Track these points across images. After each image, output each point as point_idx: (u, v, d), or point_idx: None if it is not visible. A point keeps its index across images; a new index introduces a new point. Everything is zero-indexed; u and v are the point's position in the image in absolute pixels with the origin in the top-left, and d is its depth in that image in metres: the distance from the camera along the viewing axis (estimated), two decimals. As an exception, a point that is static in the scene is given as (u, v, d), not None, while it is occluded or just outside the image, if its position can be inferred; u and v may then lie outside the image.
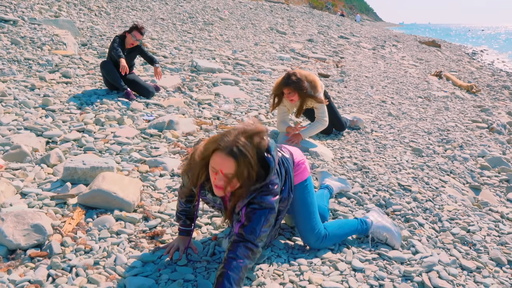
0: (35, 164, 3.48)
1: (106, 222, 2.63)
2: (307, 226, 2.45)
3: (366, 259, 2.53)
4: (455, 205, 3.44)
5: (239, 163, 1.84)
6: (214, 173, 1.92)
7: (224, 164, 1.85)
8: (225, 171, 1.86)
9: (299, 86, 4.03)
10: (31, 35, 7.90)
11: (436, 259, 2.59)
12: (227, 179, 1.90)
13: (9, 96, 4.99)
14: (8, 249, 2.31)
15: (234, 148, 1.84)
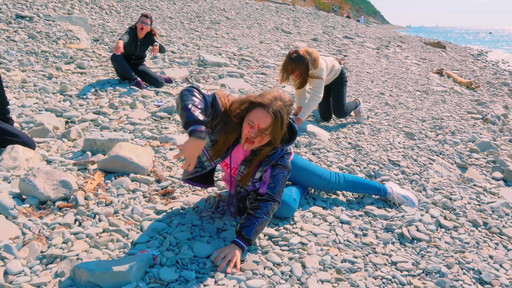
0: (56, 139, 3.83)
1: (123, 183, 2.97)
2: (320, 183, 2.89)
3: (353, 215, 2.85)
4: (441, 179, 3.75)
5: (275, 121, 2.14)
6: (249, 127, 2.18)
7: (263, 119, 2.13)
8: (262, 126, 2.15)
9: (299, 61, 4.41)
10: (47, 30, 8.30)
11: (417, 217, 2.91)
12: (260, 134, 2.18)
13: (29, 83, 5.36)
14: (39, 201, 2.66)
15: (274, 107, 2.13)
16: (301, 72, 4.47)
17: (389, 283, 2.22)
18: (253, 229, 2.21)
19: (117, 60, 5.82)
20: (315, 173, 2.89)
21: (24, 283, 1.91)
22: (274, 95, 2.18)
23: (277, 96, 2.18)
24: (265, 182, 2.35)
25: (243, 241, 2.19)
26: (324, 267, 2.23)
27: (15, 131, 3.33)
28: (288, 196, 2.64)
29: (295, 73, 4.50)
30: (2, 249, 2.15)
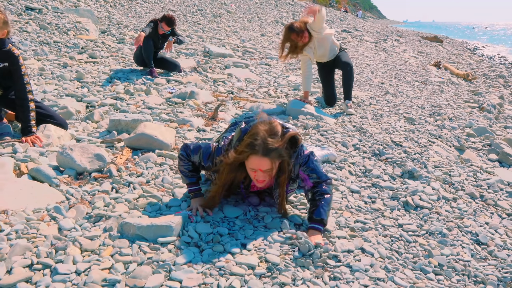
0: (80, 121, 4.08)
1: (150, 158, 3.23)
2: None
3: (362, 186, 3.13)
4: (440, 158, 4.03)
5: (273, 160, 2.23)
6: (253, 172, 2.29)
7: (261, 164, 2.22)
8: (264, 169, 2.26)
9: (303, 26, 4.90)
10: (56, 21, 8.52)
11: (420, 188, 3.19)
12: (266, 174, 2.32)
13: (47, 71, 5.60)
14: (77, 172, 2.92)
15: (265, 149, 2.18)
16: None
17: (397, 240, 2.50)
18: (321, 210, 2.35)
19: (147, 43, 6.04)
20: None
21: (77, 236, 2.18)
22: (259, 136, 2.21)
23: (262, 134, 2.21)
24: (305, 179, 2.47)
25: (316, 223, 2.34)
26: (339, 226, 2.50)
27: (51, 112, 3.58)
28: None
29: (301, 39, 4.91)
30: (52, 210, 2.41)
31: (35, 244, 2.07)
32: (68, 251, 2.02)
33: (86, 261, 1.96)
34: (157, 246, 2.11)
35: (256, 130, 2.25)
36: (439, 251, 2.47)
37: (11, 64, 3.27)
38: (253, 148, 2.20)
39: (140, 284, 1.83)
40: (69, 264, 1.93)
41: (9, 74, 3.33)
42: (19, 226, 2.21)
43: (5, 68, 3.29)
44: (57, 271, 1.88)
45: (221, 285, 1.88)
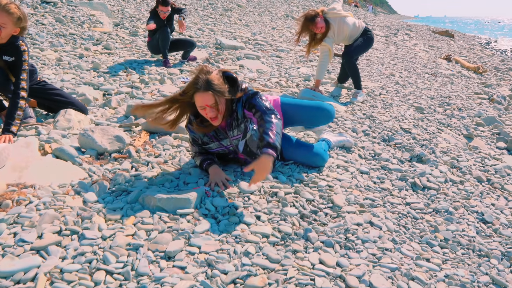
0: (98, 108, 4.22)
1: (167, 141, 3.36)
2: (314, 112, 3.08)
3: (371, 168, 3.23)
4: (448, 145, 4.11)
5: (214, 91, 2.48)
6: (203, 110, 2.55)
7: (205, 98, 2.48)
8: (209, 103, 2.51)
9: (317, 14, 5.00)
10: (71, 14, 8.68)
11: (428, 171, 3.29)
12: (214, 108, 2.54)
13: (64, 61, 5.76)
14: (97, 152, 3.06)
15: (203, 84, 2.47)
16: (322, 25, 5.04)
17: (404, 216, 2.60)
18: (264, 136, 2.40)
19: (164, 35, 6.16)
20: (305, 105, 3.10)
21: (101, 207, 2.31)
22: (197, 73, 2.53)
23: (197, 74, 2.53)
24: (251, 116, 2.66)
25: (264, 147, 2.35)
26: (349, 203, 2.61)
27: (71, 99, 3.72)
28: (320, 147, 3.03)
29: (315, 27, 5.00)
30: (76, 185, 2.55)
31: (62, 214, 2.21)
32: (93, 220, 2.16)
33: (110, 229, 2.10)
34: (176, 217, 2.24)
35: (198, 73, 2.55)
36: (445, 227, 2.57)
37: (17, 58, 3.31)
38: (196, 85, 2.50)
39: (161, 249, 1.96)
40: (94, 231, 2.07)
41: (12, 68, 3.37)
42: (46, 198, 2.35)
43: (13, 62, 3.32)
44: (84, 236, 2.01)
45: (237, 251, 2.00)
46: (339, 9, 5.21)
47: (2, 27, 3.13)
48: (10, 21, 3.15)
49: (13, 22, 3.17)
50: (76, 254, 1.90)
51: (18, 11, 3.19)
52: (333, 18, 5.12)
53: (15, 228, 2.07)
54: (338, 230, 2.28)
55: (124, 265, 1.84)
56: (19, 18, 3.20)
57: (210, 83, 2.48)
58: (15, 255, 1.87)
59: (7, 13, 3.11)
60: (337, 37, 5.29)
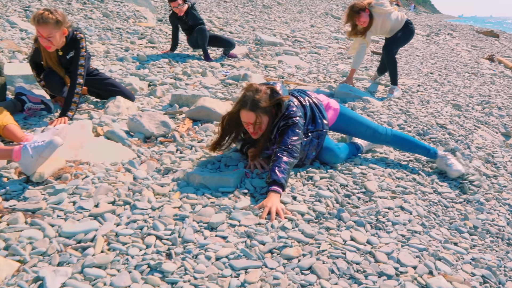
0: (144, 97, 4.46)
1: (209, 127, 3.56)
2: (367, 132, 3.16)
3: (404, 160, 3.33)
4: (484, 141, 4.14)
5: (256, 113, 2.61)
6: (246, 126, 2.72)
7: (248, 117, 2.65)
8: (251, 121, 2.66)
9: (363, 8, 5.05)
10: (117, 10, 9.05)
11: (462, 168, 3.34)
12: (255, 126, 2.67)
13: (112, 54, 6.06)
14: (145, 136, 3.28)
15: (247, 103, 2.60)
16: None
17: (435, 204, 2.70)
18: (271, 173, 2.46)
19: (204, 33, 6.37)
20: (363, 122, 3.18)
21: (150, 183, 2.52)
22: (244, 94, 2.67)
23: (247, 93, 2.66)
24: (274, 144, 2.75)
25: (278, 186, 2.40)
26: (381, 189, 2.73)
27: (120, 87, 3.97)
28: (333, 144, 3.05)
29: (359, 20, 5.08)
30: (127, 164, 2.77)
31: (115, 187, 2.42)
32: (143, 194, 2.37)
33: (159, 201, 2.30)
34: (218, 194, 2.42)
35: (245, 89, 2.70)
36: (475, 216, 2.66)
37: (76, 49, 3.51)
38: (241, 103, 2.65)
39: (205, 220, 2.14)
40: (145, 202, 2.28)
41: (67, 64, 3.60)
42: (100, 174, 2.58)
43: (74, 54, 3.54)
44: (136, 207, 2.22)
45: (274, 225, 2.16)
46: (387, 5, 5.22)
47: (50, 38, 3.30)
48: (52, 28, 3.27)
49: (55, 28, 3.28)
50: (129, 221, 2.10)
51: (53, 15, 3.26)
52: (379, 13, 5.16)
53: (74, 198, 2.30)
54: (370, 212, 2.40)
55: (172, 232, 2.03)
56: (57, 22, 3.29)
57: (256, 103, 2.61)
58: (75, 219, 2.10)
59: (45, 24, 3.22)
60: (379, 31, 5.34)
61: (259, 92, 2.65)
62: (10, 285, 1.64)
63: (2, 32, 6.19)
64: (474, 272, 2.08)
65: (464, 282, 1.97)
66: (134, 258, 1.84)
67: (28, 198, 2.27)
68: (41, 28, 3.24)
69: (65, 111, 3.39)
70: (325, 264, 1.92)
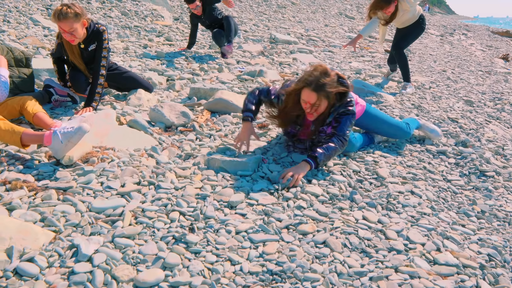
0: (163, 90, 4.62)
1: (226, 119, 3.70)
2: (390, 130, 3.35)
3: (415, 150, 3.43)
4: (495, 135, 4.22)
5: (319, 95, 2.67)
6: (304, 104, 2.76)
7: (310, 96, 2.69)
8: (311, 102, 2.70)
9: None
10: (135, 9, 9.26)
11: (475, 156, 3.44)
12: (313, 107, 2.74)
13: (131, 50, 6.24)
14: (166, 125, 3.44)
15: (314, 84, 2.65)
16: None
17: (444, 190, 2.81)
18: (322, 154, 2.66)
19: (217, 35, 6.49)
20: (386, 121, 3.36)
21: (173, 167, 2.66)
22: (311, 73, 2.68)
23: (315, 72, 2.67)
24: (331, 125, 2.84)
25: (312, 160, 2.64)
26: (392, 176, 2.84)
27: (139, 79, 4.12)
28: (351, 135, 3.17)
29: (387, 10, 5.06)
30: (149, 150, 2.92)
31: (140, 170, 2.57)
32: (166, 176, 2.51)
33: (181, 182, 2.45)
34: (237, 177, 2.56)
35: (314, 68, 2.70)
36: (483, 201, 2.76)
37: (98, 41, 3.65)
38: (306, 81, 2.66)
39: (225, 199, 2.28)
40: (168, 183, 2.42)
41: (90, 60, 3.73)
42: (125, 158, 2.74)
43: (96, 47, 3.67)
44: (160, 186, 2.37)
45: (290, 205, 2.30)
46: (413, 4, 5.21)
47: (72, 32, 3.41)
48: (73, 22, 3.38)
49: (76, 21, 3.40)
50: (154, 199, 2.25)
51: (71, 9, 3.35)
52: (404, 9, 5.15)
53: (101, 179, 2.46)
54: (381, 195, 2.52)
55: (194, 209, 2.17)
56: (76, 15, 3.40)
57: (321, 86, 2.63)
58: (104, 197, 2.25)
59: (66, 19, 3.34)
60: (395, 21, 5.36)
61: (327, 75, 2.66)
62: (48, 251, 1.79)
63: (26, 29, 6.41)
64: (480, 251, 2.18)
65: (470, 258, 2.07)
66: (159, 230, 1.98)
67: (59, 178, 2.43)
68: (62, 24, 3.37)
69: (90, 102, 3.55)
70: (338, 239, 2.05)
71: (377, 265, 1.91)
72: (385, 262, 1.93)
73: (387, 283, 1.79)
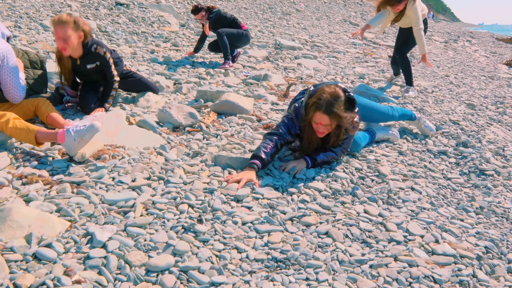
0: (171, 93, 4.74)
1: (232, 120, 3.80)
2: (379, 116, 3.53)
3: (416, 150, 3.52)
4: (496, 137, 4.30)
5: (331, 118, 2.73)
6: (315, 124, 2.82)
7: (322, 118, 2.76)
8: (323, 123, 2.78)
9: None
10: (142, 15, 9.42)
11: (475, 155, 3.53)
12: (325, 128, 2.80)
13: (138, 55, 6.38)
14: (174, 126, 3.54)
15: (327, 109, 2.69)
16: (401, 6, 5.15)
17: (444, 188, 2.89)
18: (322, 156, 2.87)
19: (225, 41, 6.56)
20: (374, 108, 3.53)
21: (181, 164, 2.76)
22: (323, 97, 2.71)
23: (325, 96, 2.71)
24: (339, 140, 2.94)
25: (310, 159, 2.84)
26: (394, 173, 2.93)
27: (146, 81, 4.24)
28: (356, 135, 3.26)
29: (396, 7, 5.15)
30: (158, 148, 3.03)
31: (150, 166, 2.68)
32: (175, 171, 2.61)
33: (189, 178, 2.55)
34: (243, 173, 2.66)
35: (321, 92, 2.76)
36: (482, 198, 2.84)
37: (101, 62, 3.71)
38: (317, 105, 2.71)
39: (232, 193, 2.38)
40: (177, 178, 2.52)
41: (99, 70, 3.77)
42: (135, 156, 2.84)
43: (97, 67, 3.74)
44: (169, 181, 2.47)
45: (294, 199, 2.39)
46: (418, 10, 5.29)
47: (66, 39, 3.42)
48: (69, 28, 3.41)
49: (72, 28, 3.44)
50: (164, 193, 2.35)
51: (71, 17, 3.40)
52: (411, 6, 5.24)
53: (113, 174, 2.56)
54: (382, 190, 2.61)
55: (202, 202, 2.27)
56: (75, 22, 3.46)
57: (332, 110, 2.69)
58: (116, 190, 2.35)
59: (62, 24, 3.39)
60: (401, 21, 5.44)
61: (338, 99, 2.72)
62: (64, 238, 1.89)
63: (36, 34, 6.56)
64: (478, 244, 2.27)
65: (467, 249, 2.16)
66: (169, 221, 2.08)
67: (73, 173, 2.53)
68: (58, 28, 3.39)
69: (103, 103, 3.67)
70: (340, 230, 2.14)
71: (377, 254, 1.99)
72: (385, 251, 2.02)
73: (387, 270, 1.88)
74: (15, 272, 1.64)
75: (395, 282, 1.83)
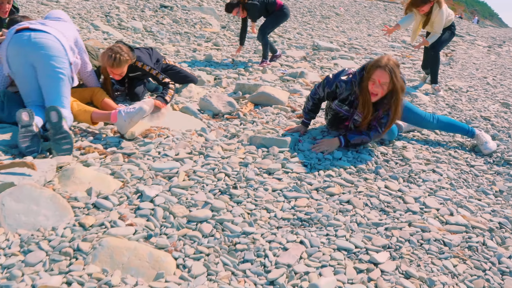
0: (211, 87, 5.05)
1: (268, 110, 4.06)
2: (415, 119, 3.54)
3: (444, 141, 3.67)
4: (527, 133, 4.37)
5: (391, 76, 2.89)
6: (372, 83, 2.95)
7: (383, 76, 2.91)
8: (382, 80, 2.92)
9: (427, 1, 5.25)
10: (185, 17, 9.85)
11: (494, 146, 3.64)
12: (381, 88, 2.93)
13: (181, 53, 6.75)
14: (213, 113, 3.84)
15: (388, 67, 2.88)
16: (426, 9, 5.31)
17: (466, 173, 3.05)
18: (355, 136, 3.03)
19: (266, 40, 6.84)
20: (411, 109, 3.56)
21: (220, 143, 3.05)
22: (387, 58, 2.94)
23: (389, 59, 2.94)
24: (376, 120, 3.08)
25: (344, 138, 3.04)
26: (417, 158, 3.11)
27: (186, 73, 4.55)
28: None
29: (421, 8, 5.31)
30: (199, 130, 3.32)
31: (191, 144, 2.97)
32: (214, 148, 2.90)
33: (227, 154, 2.82)
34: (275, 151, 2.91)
35: (382, 57, 2.97)
36: (503, 183, 2.98)
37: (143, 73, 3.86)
38: (379, 63, 2.91)
39: (264, 167, 2.64)
40: (215, 153, 2.80)
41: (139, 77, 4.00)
42: (178, 136, 3.15)
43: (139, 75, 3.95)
44: (208, 156, 2.76)
45: (321, 174, 2.62)
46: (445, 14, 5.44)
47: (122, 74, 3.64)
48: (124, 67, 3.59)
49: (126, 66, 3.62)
50: (203, 164, 2.64)
51: (123, 57, 3.53)
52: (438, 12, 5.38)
53: (159, 149, 2.87)
54: (404, 170, 2.81)
55: (237, 173, 2.54)
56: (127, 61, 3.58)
57: (392, 69, 2.87)
58: (162, 161, 2.66)
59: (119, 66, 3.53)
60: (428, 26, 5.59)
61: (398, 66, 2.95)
62: (118, 193, 2.20)
63: (88, 33, 7.05)
64: (492, 219, 2.43)
65: (480, 222, 2.33)
66: (208, 185, 2.36)
67: (124, 147, 2.86)
68: (115, 70, 3.58)
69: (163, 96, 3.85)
70: (361, 200, 2.36)
71: (393, 220, 2.20)
72: (401, 218, 2.23)
73: (400, 232, 2.09)
74: (79, 215, 1.96)
75: (407, 242, 2.04)
